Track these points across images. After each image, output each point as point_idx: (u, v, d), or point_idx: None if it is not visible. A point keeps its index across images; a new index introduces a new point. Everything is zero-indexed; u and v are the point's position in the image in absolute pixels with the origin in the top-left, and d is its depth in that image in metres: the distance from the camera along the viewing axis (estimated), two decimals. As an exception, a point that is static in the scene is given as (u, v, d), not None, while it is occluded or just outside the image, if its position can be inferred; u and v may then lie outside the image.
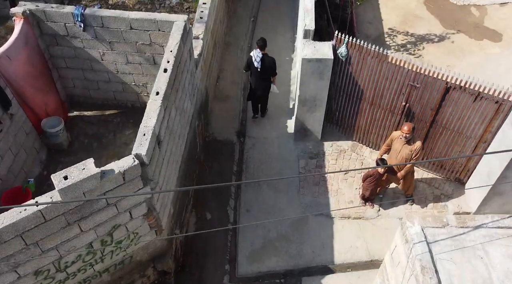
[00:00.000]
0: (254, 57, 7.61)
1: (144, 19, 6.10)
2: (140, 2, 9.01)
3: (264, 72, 7.76)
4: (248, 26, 10.45)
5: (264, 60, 7.62)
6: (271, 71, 7.82)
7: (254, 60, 7.63)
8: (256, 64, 7.63)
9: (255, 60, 7.61)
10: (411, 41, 10.09)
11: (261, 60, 7.60)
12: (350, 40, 6.76)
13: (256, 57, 7.59)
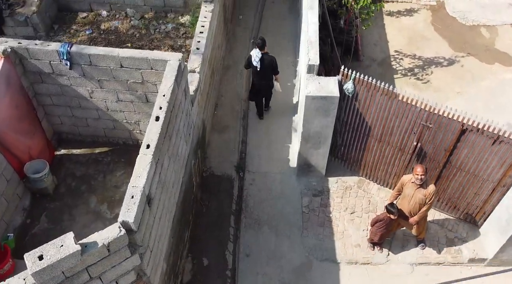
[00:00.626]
0: (254, 57, 7.57)
1: (135, 57, 5.63)
2: (134, 27, 8.54)
3: (264, 72, 7.71)
4: (248, 48, 9.96)
5: (264, 59, 7.57)
6: (272, 70, 7.77)
7: (253, 60, 7.59)
8: (255, 64, 7.59)
9: (254, 60, 7.57)
10: (419, 64, 9.63)
11: (260, 60, 7.54)
12: (357, 76, 6.29)
13: (255, 57, 7.55)
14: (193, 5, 8.61)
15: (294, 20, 10.58)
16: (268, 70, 7.72)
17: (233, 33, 10.29)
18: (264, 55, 7.57)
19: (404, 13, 10.79)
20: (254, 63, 7.60)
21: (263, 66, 7.60)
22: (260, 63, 7.56)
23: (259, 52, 7.53)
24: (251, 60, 7.64)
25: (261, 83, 7.94)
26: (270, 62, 7.65)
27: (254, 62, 7.59)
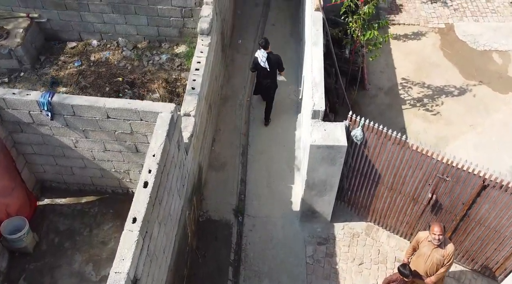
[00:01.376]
0: (260, 58, 7.58)
1: (123, 108, 5.09)
2: (125, 58, 8.02)
3: (273, 71, 7.77)
4: (247, 76, 9.45)
5: (271, 59, 7.60)
6: (279, 67, 7.85)
7: (260, 61, 7.60)
8: (263, 65, 7.61)
9: (261, 60, 7.59)
10: (428, 94, 9.09)
11: (267, 60, 7.56)
12: (366, 123, 5.76)
13: (262, 58, 7.56)
14: (189, 34, 8.10)
15: (296, 44, 10.06)
16: (275, 68, 7.79)
17: (231, 59, 9.76)
18: (270, 54, 7.58)
19: (412, 36, 10.27)
20: (262, 64, 7.61)
21: (271, 65, 7.62)
22: (268, 62, 7.58)
23: (265, 52, 7.51)
24: (258, 61, 7.61)
25: (267, 82, 7.98)
26: (277, 61, 7.73)
27: (262, 62, 7.59)
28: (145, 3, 7.62)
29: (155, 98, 7.36)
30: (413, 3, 11.01)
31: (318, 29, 6.85)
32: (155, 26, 7.99)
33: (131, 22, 7.94)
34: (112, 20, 7.93)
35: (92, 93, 7.39)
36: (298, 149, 8.10)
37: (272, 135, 8.35)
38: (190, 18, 7.81)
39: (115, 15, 7.84)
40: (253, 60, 7.84)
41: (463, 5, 10.88)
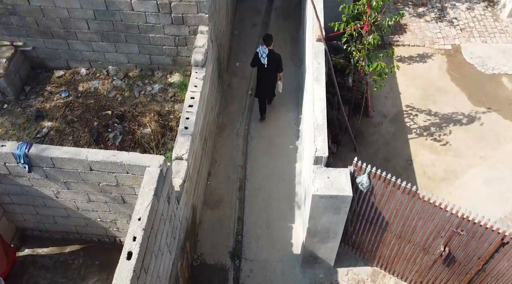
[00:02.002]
0: (260, 54, 7.60)
1: (107, 162, 4.63)
2: (116, 88, 7.57)
3: (271, 69, 7.77)
4: (245, 102, 9.00)
5: (271, 56, 7.61)
6: (278, 66, 7.82)
7: (261, 56, 7.62)
8: (262, 61, 7.62)
9: (261, 56, 7.61)
10: (435, 122, 8.64)
11: (268, 56, 7.59)
12: (373, 171, 5.31)
13: (262, 54, 7.58)
14: (183, 63, 7.65)
15: (296, 67, 9.62)
16: (275, 67, 7.78)
17: (228, 84, 9.32)
18: (271, 51, 7.60)
19: (417, 58, 9.83)
20: (262, 60, 7.62)
21: (270, 62, 7.63)
22: (268, 59, 7.59)
23: (266, 49, 7.53)
24: (258, 57, 7.64)
25: (267, 80, 7.99)
26: (276, 59, 7.72)
27: (262, 58, 7.60)
28: (136, 32, 7.17)
29: (146, 133, 6.90)
30: (417, 22, 10.58)
31: (320, 62, 6.40)
32: (147, 54, 7.54)
33: (121, 50, 7.49)
34: (102, 48, 7.48)
35: (79, 128, 6.93)
36: (298, 184, 7.64)
37: (271, 168, 7.90)
38: (184, 46, 7.37)
39: (105, 43, 7.40)
40: (254, 55, 7.84)
41: (470, 24, 10.45)
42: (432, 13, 10.76)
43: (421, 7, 10.91)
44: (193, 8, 6.79)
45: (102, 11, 6.89)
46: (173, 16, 6.93)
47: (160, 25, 7.07)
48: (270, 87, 8.17)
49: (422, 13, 10.78)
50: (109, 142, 6.81)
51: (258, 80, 8.12)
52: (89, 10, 6.90)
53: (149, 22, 7.04)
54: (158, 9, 6.84)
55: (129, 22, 7.03)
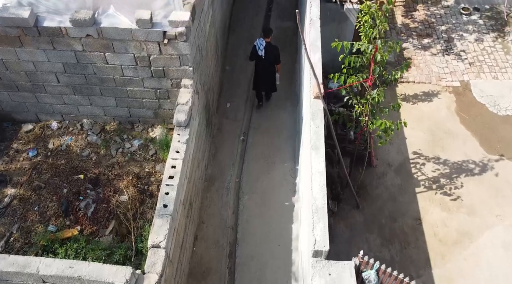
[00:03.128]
0: (258, 46, 7.73)
1: (62, 276, 3.84)
2: (90, 145, 6.77)
3: (268, 60, 7.87)
4: (236, 150, 8.21)
5: (268, 48, 7.73)
6: (275, 59, 7.91)
7: (258, 49, 7.74)
8: (260, 53, 7.75)
9: (259, 48, 7.72)
10: (445, 172, 7.88)
11: (265, 49, 7.69)
12: (382, 267, 4.53)
13: (260, 46, 7.70)
14: (166, 116, 6.87)
15: (292, 107, 8.85)
16: (272, 59, 7.87)
17: (218, 128, 8.54)
18: (268, 44, 7.73)
19: (423, 97, 9.07)
20: (259, 52, 7.74)
21: (267, 54, 7.74)
22: (265, 51, 7.71)
23: (263, 41, 7.69)
24: (256, 50, 7.77)
25: (264, 73, 8.09)
26: (274, 51, 7.82)
27: (259, 51, 7.73)
28: (112, 85, 6.39)
29: (123, 201, 6.11)
30: (422, 55, 9.83)
31: (319, 125, 5.62)
32: (125, 107, 6.75)
33: (96, 103, 6.71)
34: (75, 102, 6.70)
35: (47, 196, 6.13)
36: (295, 251, 6.86)
37: (265, 231, 7.11)
38: (167, 99, 6.59)
39: (78, 97, 6.61)
40: (252, 48, 7.91)
41: (479, 58, 9.70)
42: (438, 45, 10.01)
43: (426, 38, 10.17)
44: (175, 61, 6.02)
45: (73, 64, 6.11)
46: (152, 70, 6.15)
47: (138, 78, 6.29)
48: (268, 80, 8.25)
49: (427, 45, 10.03)
50: (80, 212, 6.02)
51: (255, 72, 8.25)
52: (58, 64, 6.12)
53: (126, 75, 6.26)
54: (136, 63, 6.06)
55: (104, 75, 6.25)
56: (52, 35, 5.74)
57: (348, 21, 8.53)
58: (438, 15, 10.69)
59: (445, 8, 10.83)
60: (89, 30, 5.66)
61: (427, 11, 10.79)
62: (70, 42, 5.82)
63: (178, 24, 5.62)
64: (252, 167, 7.94)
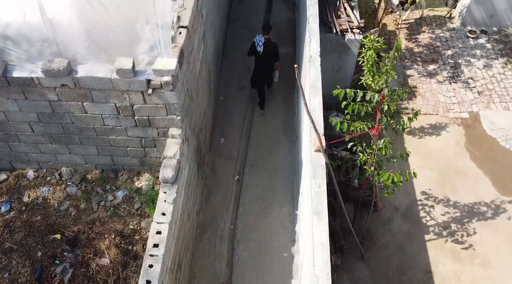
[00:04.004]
0: (257, 42, 7.79)
1: None
2: (70, 197, 6.18)
3: (267, 57, 7.92)
4: (230, 192, 7.62)
5: (267, 44, 7.76)
6: (274, 55, 7.95)
7: (257, 45, 7.79)
8: (259, 49, 7.79)
9: (258, 44, 7.78)
10: (455, 216, 7.32)
11: (264, 45, 7.74)
12: None
13: (259, 42, 7.77)
14: (153, 163, 6.28)
15: (290, 144, 8.28)
16: (271, 55, 7.91)
17: (211, 168, 7.94)
18: (267, 40, 7.75)
19: (430, 130, 8.52)
20: (258, 48, 7.78)
21: (266, 51, 7.77)
22: (263, 47, 7.74)
23: (262, 37, 7.73)
24: (255, 46, 7.81)
25: (263, 69, 8.13)
26: (273, 48, 7.84)
27: (258, 47, 7.76)
28: (92, 134, 5.80)
29: (104, 265, 5.51)
30: (428, 83, 9.28)
31: (321, 185, 5.03)
32: (108, 155, 6.16)
33: (76, 152, 6.12)
34: (52, 150, 6.11)
35: (19, 260, 5.53)
36: (295, 306, 6.29)
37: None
38: (153, 148, 6.00)
39: (55, 146, 6.02)
40: (251, 44, 7.93)
41: (488, 86, 9.16)
42: (445, 71, 9.47)
43: (432, 64, 9.62)
44: (161, 110, 5.43)
45: (48, 114, 5.52)
46: (136, 119, 5.56)
47: (121, 127, 5.70)
48: (266, 76, 8.32)
49: (433, 71, 9.48)
50: (56, 279, 5.43)
51: (254, 68, 8.27)
52: (31, 113, 5.53)
53: (108, 125, 5.67)
54: (118, 112, 5.47)
55: (83, 124, 5.66)
56: (23, 85, 5.15)
57: (350, 51, 7.97)
58: (444, 39, 10.15)
59: (450, 31, 10.29)
60: (64, 80, 5.07)
61: (431, 34, 10.25)
62: (44, 92, 5.23)
63: (163, 73, 5.03)
64: (248, 211, 7.36)
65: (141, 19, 5.44)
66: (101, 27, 5.39)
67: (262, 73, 8.22)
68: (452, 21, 10.49)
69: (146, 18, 5.46)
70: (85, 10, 5.44)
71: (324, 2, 8.24)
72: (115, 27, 5.41)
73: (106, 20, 5.45)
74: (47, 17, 5.14)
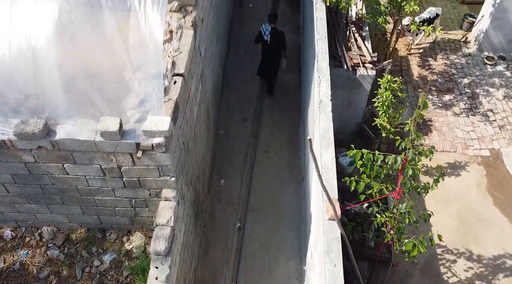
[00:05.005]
0: (264, 31, 7.97)
1: None
2: (51, 261, 5.49)
3: (273, 46, 8.09)
4: (231, 243, 6.95)
5: (274, 33, 7.94)
6: (281, 44, 8.12)
7: (264, 34, 7.96)
8: (266, 38, 7.97)
9: (265, 33, 7.95)
10: (480, 272, 6.64)
11: (270, 34, 7.92)
12: None
13: (266, 31, 7.94)
14: (145, 223, 5.60)
15: (296, 185, 7.62)
16: (278, 44, 8.09)
17: (210, 215, 7.27)
18: (273, 29, 7.92)
19: (448, 170, 7.84)
20: (265, 37, 7.95)
21: (273, 39, 7.95)
22: (270, 36, 7.92)
23: (269, 26, 7.90)
24: (262, 35, 7.99)
25: (270, 57, 8.28)
26: (279, 36, 8.03)
27: (265, 35, 7.95)
28: (75, 194, 5.12)
29: None
30: (444, 116, 8.61)
31: (336, 263, 4.36)
32: (94, 215, 5.49)
33: (58, 211, 5.45)
34: (31, 210, 5.44)
35: None
36: None
37: None
38: (145, 208, 5.32)
39: (34, 205, 5.35)
40: (258, 33, 8.09)
41: (510, 119, 8.50)
42: (461, 102, 8.80)
43: (447, 94, 8.95)
44: (152, 172, 4.76)
45: (24, 175, 4.85)
46: (125, 180, 4.89)
47: (108, 188, 5.03)
48: (273, 64, 8.42)
49: (449, 102, 8.81)
50: None
51: (262, 57, 8.40)
52: (5, 175, 4.86)
53: (93, 186, 5.00)
54: (104, 173, 4.80)
55: (65, 185, 4.99)
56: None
57: (362, 87, 7.31)
58: (459, 65, 9.48)
59: (466, 57, 9.63)
60: (40, 143, 4.40)
61: (446, 60, 9.59)
62: (18, 154, 4.56)
63: (155, 134, 4.36)
64: (250, 266, 6.69)
65: (130, 67, 4.80)
66: (85, 77, 4.75)
67: (269, 62, 8.35)
68: (467, 46, 9.83)
69: (136, 65, 4.82)
70: (67, 56, 4.81)
71: (333, 31, 7.58)
72: (100, 77, 4.77)
73: (90, 68, 4.81)
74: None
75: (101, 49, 4.87)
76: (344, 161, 7.49)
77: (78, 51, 4.88)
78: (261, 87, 9.14)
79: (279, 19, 8.45)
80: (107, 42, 4.88)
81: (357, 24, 7.69)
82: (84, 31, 5.03)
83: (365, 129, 7.83)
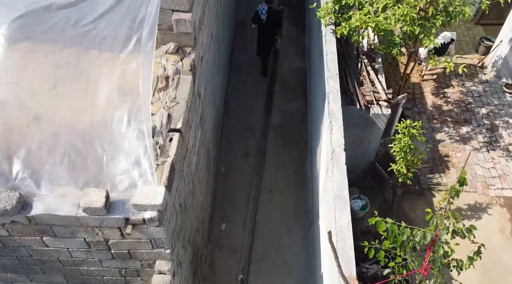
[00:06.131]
0: (260, 11, 8.07)
1: None
2: None
3: (270, 25, 8.22)
4: (234, 297, 6.36)
5: (270, 13, 8.04)
6: (277, 21, 8.30)
7: (261, 13, 8.06)
8: (262, 17, 8.07)
9: (261, 13, 8.06)
10: (507, 333, 6.04)
11: (267, 13, 8.02)
12: None
13: (262, 10, 8.05)
14: (138, 291, 4.99)
15: (304, 232, 7.01)
16: (273, 23, 8.22)
17: (210, 265, 6.66)
18: (270, 8, 8.01)
19: (468, 213, 7.23)
20: (262, 17, 8.06)
21: (269, 19, 8.06)
22: (267, 16, 8.03)
23: (265, 6, 8.00)
24: (259, 14, 8.08)
25: (265, 36, 8.45)
26: (275, 15, 8.17)
27: (261, 15, 8.04)
28: (57, 265, 4.52)
29: None
30: (462, 150, 8.01)
31: None
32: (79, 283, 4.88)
33: (39, 280, 4.85)
34: (8, 279, 4.84)
35: None
36: None
37: None
38: (137, 277, 4.72)
39: (11, 275, 4.75)
40: (254, 12, 8.21)
41: (533, 155, 7.90)
42: (480, 135, 8.19)
43: (464, 126, 8.35)
44: (145, 244, 4.16)
45: (-3, 247, 4.24)
46: (113, 252, 4.29)
47: (94, 259, 4.42)
48: (269, 43, 8.65)
49: (466, 135, 8.21)
50: None
51: (258, 36, 8.54)
52: (-25, 249, 4.25)
53: (77, 257, 4.39)
54: (89, 246, 4.19)
55: (44, 257, 4.39)
56: (-40, 220, 3.88)
57: (375, 126, 6.71)
58: (476, 93, 8.89)
59: (483, 84, 9.03)
60: (14, 218, 3.80)
61: (462, 87, 8.99)
62: (-11, 228, 3.96)
63: (146, 207, 3.76)
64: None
65: (120, 122, 4.21)
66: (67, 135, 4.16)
67: (265, 40, 8.52)
68: (484, 72, 9.23)
69: (126, 120, 4.23)
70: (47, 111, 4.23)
71: (344, 64, 6.98)
72: (85, 135, 4.17)
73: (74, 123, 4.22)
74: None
75: (87, 101, 4.29)
76: (356, 205, 6.90)
77: (59, 103, 4.30)
78: (264, 128, 8.52)
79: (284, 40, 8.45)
80: (95, 92, 4.31)
81: (369, 55, 7.10)
82: (69, 77, 4.46)
83: (379, 169, 7.23)
